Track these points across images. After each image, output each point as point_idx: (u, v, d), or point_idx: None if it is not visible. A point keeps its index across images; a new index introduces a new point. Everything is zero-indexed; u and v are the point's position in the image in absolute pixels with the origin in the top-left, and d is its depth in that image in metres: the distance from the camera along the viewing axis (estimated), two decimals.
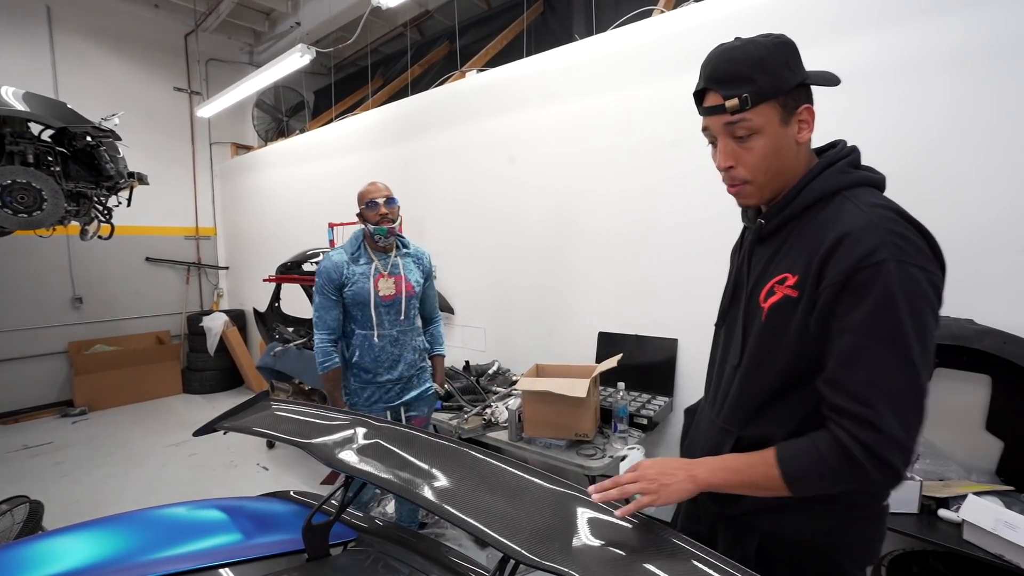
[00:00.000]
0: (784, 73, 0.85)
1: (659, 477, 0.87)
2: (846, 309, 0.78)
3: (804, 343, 0.85)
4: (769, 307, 0.89)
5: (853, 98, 1.92)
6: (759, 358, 0.93)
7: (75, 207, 3.12)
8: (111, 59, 5.20)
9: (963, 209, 1.74)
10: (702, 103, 0.91)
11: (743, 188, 0.92)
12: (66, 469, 3.64)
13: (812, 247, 0.84)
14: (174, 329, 5.78)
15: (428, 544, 1.27)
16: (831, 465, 0.78)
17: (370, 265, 2.06)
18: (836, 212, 0.84)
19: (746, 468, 0.86)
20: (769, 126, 0.86)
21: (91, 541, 1.13)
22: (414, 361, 2.15)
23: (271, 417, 1.43)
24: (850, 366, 0.78)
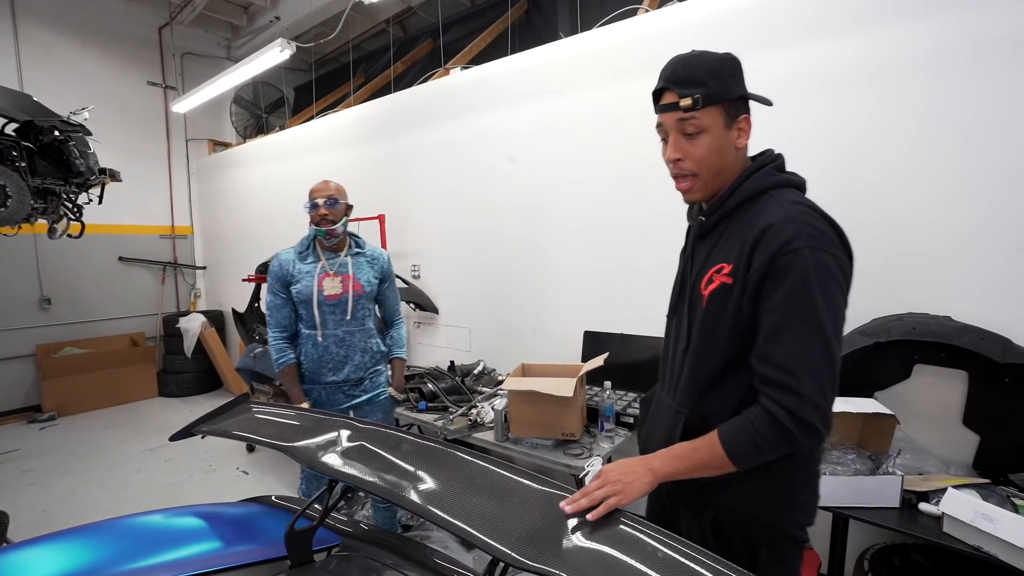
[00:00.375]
0: (730, 83, 0.98)
1: (621, 477, 0.92)
2: (769, 292, 0.90)
3: (739, 325, 0.96)
4: (709, 294, 1.00)
5: (830, 99, 1.95)
6: (703, 341, 1.03)
7: (42, 204, 3.00)
8: (80, 52, 5.03)
9: (941, 209, 1.78)
10: (659, 102, 1.02)
11: (690, 182, 1.02)
12: (34, 477, 3.50)
13: (742, 239, 0.95)
14: (149, 331, 5.62)
15: (414, 548, 1.24)
16: (764, 435, 0.89)
17: (317, 264, 2.06)
18: (762, 208, 0.96)
19: (694, 453, 0.95)
20: (715, 127, 0.97)
21: (60, 553, 1.07)
22: (363, 363, 2.12)
23: (251, 420, 1.39)
24: (774, 341, 0.89)
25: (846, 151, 1.95)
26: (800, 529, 1.03)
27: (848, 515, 1.53)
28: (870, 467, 1.57)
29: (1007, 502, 1.44)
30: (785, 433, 0.87)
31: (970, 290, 1.73)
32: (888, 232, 1.88)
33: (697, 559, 0.80)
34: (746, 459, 0.92)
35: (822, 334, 0.88)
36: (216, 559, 1.10)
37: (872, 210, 1.90)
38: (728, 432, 0.93)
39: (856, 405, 1.61)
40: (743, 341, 0.96)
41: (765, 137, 2.08)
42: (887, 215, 1.88)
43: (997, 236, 1.69)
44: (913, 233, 1.84)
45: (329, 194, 2.02)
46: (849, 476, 1.52)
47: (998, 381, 1.63)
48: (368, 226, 3.80)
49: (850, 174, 1.94)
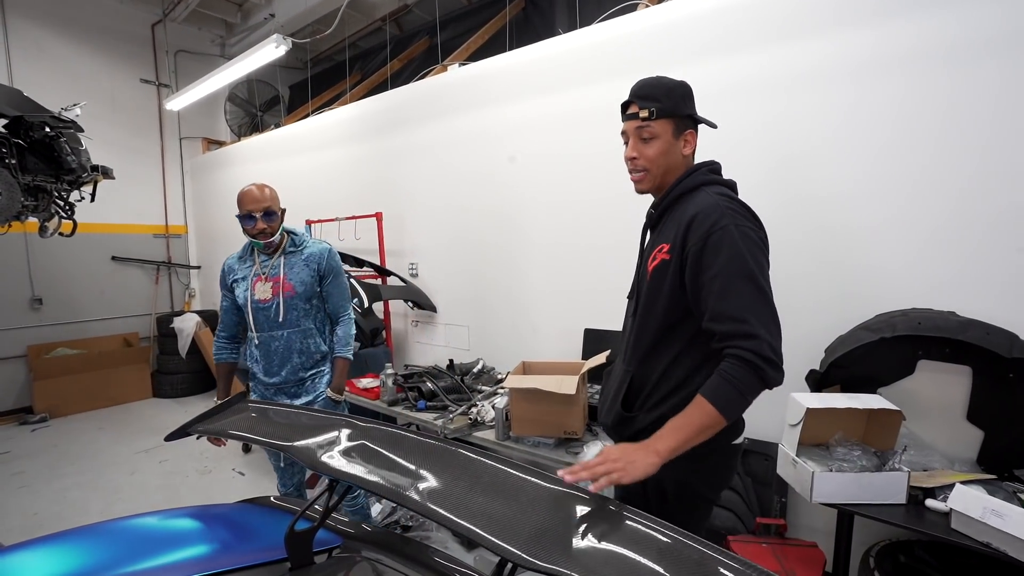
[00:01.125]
0: (680, 103, 1.23)
1: (623, 456, 1.02)
2: (710, 261, 1.10)
3: (675, 294, 1.18)
4: (652, 269, 1.23)
5: (861, 91, 1.94)
6: (646, 309, 1.25)
7: (33, 202, 2.95)
8: (71, 48, 4.96)
9: (943, 205, 1.77)
10: (625, 112, 1.27)
11: (641, 175, 1.27)
12: (25, 479, 3.45)
13: (678, 222, 1.18)
14: (143, 331, 5.56)
15: (416, 548, 1.22)
16: (742, 379, 1.04)
17: (251, 267, 2.05)
18: (696, 199, 1.19)
19: (688, 421, 1.07)
20: (664, 135, 1.23)
21: (51, 556, 1.04)
22: (302, 364, 2.08)
23: (249, 419, 1.36)
24: (724, 299, 1.08)
25: (852, 145, 1.94)
26: (714, 492, 1.28)
27: (853, 512, 1.51)
28: (876, 463, 1.56)
29: (1014, 497, 1.43)
30: (757, 371, 1.04)
31: (973, 286, 1.73)
32: (891, 228, 1.87)
33: (712, 556, 0.78)
34: (733, 408, 1.06)
35: (759, 287, 1.09)
36: (214, 562, 1.07)
37: (874, 206, 1.89)
38: (711, 390, 1.06)
39: (861, 401, 1.60)
40: (677, 308, 1.19)
41: (782, 131, 2.06)
42: (889, 211, 1.87)
43: (1000, 232, 1.68)
44: (916, 229, 1.83)
45: (265, 206, 1.95)
46: (855, 473, 1.50)
47: (1003, 376, 1.62)
48: (365, 224, 3.77)
49: (852, 170, 1.93)
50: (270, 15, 5.09)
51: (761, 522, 1.95)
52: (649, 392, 1.25)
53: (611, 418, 1.31)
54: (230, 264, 2.11)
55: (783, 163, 2.08)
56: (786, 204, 2.08)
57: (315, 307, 2.11)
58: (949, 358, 1.72)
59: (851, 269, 1.96)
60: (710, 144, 2.24)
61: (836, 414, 1.64)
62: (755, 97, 2.14)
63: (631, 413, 1.27)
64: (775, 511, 2.08)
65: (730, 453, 1.27)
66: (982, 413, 1.70)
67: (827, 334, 1.92)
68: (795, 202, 2.06)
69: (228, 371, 2.15)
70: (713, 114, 2.20)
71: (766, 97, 2.11)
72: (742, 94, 2.17)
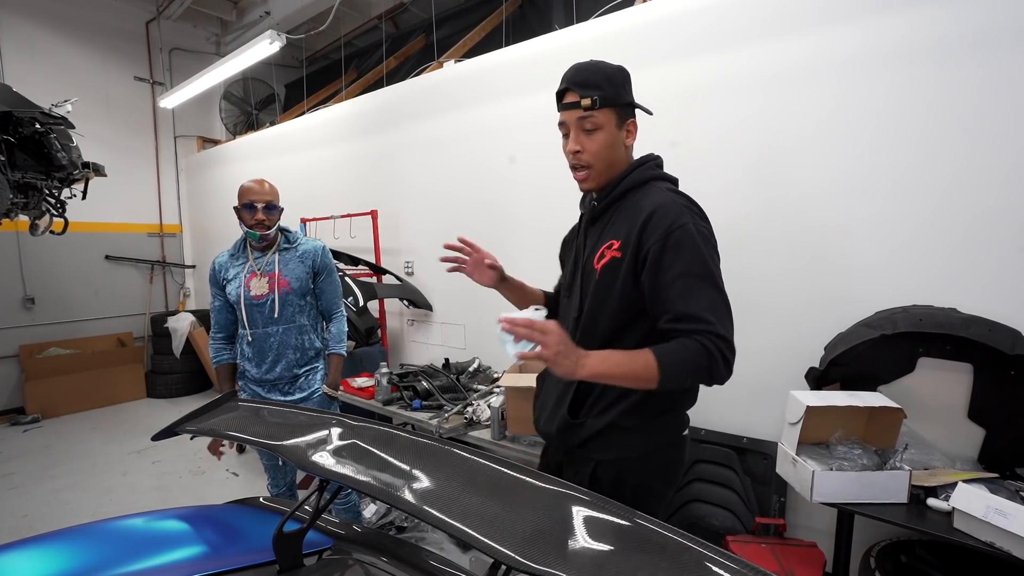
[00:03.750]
0: (621, 90, 1.17)
1: (561, 348, 0.99)
2: (671, 261, 1.06)
3: (628, 294, 1.13)
4: (601, 267, 1.16)
5: (846, 85, 1.92)
6: (595, 309, 1.18)
7: (23, 199, 2.91)
8: (64, 45, 4.91)
9: (944, 202, 1.75)
10: (561, 100, 1.19)
11: (586, 173, 1.19)
12: (16, 480, 3.41)
13: (631, 219, 1.13)
14: (137, 331, 5.51)
15: (409, 550, 1.19)
16: (697, 361, 1.02)
17: (245, 264, 2.04)
18: (645, 194, 1.15)
19: (629, 361, 1.04)
20: (608, 125, 1.15)
21: (40, 558, 1.02)
22: (297, 361, 2.07)
23: (239, 418, 1.33)
24: (688, 300, 1.05)
25: (856, 142, 1.92)
26: (668, 486, 1.25)
27: (854, 511, 1.49)
28: (876, 462, 1.54)
29: (1016, 496, 1.40)
30: (712, 362, 1.02)
31: (974, 283, 1.71)
32: (892, 224, 1.85)
33: (713, 559, 0.76)
34: (672, 378, 1.03)
35: (720, 289, 1.08)
36: (201, 564, 1.04)
37: (876, 202, 1.87)
38: (664, 351, 1.03)
39: (862, 399, 1.58)
40: (629, 308, 1.14)
41: (786, 125, 2.04)
42: (890, 207, 1.85)
43: (1001, 229, 1.66)
44: (917, 225, 1.81)
45: (268, 199, 1.97)
46: (856, 472, 1.48)
47: (1004, 374, 1.60)
48: (360, 222, 3.74)
49: (854, 166, 1.91)
50: (265, 13, 5.05)
51: (760, 522, 1.93)
52: (597, 397, 1.19)
53: (555, 425, 1.23)
54: (221, 262, 2.08)
55: (773, 157, 2.06)
56: (780, 199, 2.06)
57: (309, 304, 2.11)
58: (950, 355, 1.70)
59: (849, 266, 1.94)
60: (715, 141, 2.24)
61: (836, 412, 1.62)
62: (757, 89, 2.12)
63: (578, 420, 1.20)
64: (774, 511, 2.06)
65: (681, 446, 1.27)
66: (983, 411, 1.68)
67: (826, 331, 1.90)
68: (788, 198, 2.04)
69: (230, 373, 2.11)
70: (714, 108, 2.20)
71: (769, 90, 2.09)
72: (745, 87, 2.15)
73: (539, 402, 1.36)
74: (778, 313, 2.11)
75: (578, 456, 1.23)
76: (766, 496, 2.12)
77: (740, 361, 2.19)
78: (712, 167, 2.23)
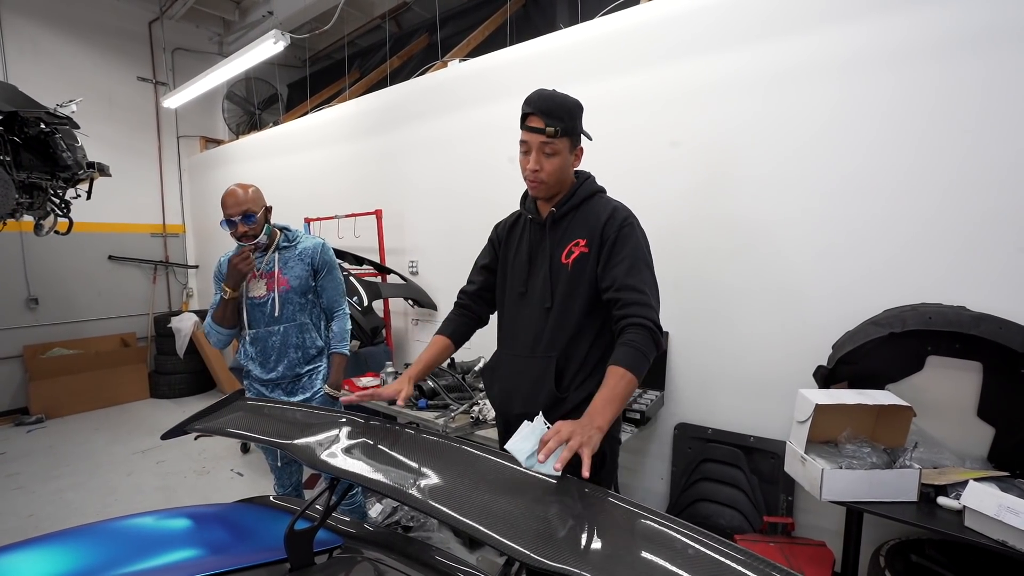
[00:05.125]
0: (578, 123, 1.39)
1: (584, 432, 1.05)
2: (620, 249, 1.34)
3: (594, 282, 1.36)
4: (572, 262, 1.39)
5: (847, 87, 1.91)
6: (568, 297, 1.38)
7: (28, 199, 2.91)
8: (67, 45, 4.92)
9: (951, 200, 1.75)
10: (525, 122, 1.37)
11: (540, 185, 1.39)
12: (20, 481, 3.41)
13: (593, 221, 1.39)
14: (140, 331, 5.51)
15: (419, 548, 1.19)
16: (646, 343, 1.22)
17: None
18: (598, 202, 1.43)
19: (616, 393, 1.17)
20: (564, 151, 1.37)
21: (47, 557, 1.01)
22: (298, 360, 2.06)
23: (247, 417, 1.33)
24: (630, 276, 1.30)
25: (861, 140, 1.91)
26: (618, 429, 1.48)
27: (863, 510, 1.48)
28: (886, 461, 1.53)
29: None
30: (652, 335, 1.24)
31: (983, 281, 1.70)
32: (899, 222, 1.84)
33: (728, 554, 0.75)
34: (643, 370, 1.22)
35: (653, 272, 1.35)
36: (212, 562, 1.04)
37: (882, 200, 1.87)
38: (627, 360, 1.20)
39: (871, 397, 1.57)
40: (597, 297, 1.36)
41: (792, 124, 2.03)
42: (898, 205, 1.84)
43: (1010, 226, 1.66)
44: (924, 223, 1.80)
45: (244, 209, 1.91)
46: (865, 470, 1.48)
47: (1014, 372, 1.59)
48: (365, 221, 3.74)
49: (861, 165, 1.91)
50: (268, 12, 5.06)
51: (769, 521, 1.93)
52: (576, 371, 1.39)
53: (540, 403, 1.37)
54: (223, 261, 2.07)
55: (777, 157, 2.06)
56: (786, 199, 2.05)
57: (310, 302, 2.10)
58: (959, 353, 1.69)
59: (857, 264, 1.93)
60: (719, 140, 2.23)
61: (845, 410, 1.62)
62: (761, 88, 2.11)
63: (564, 394, 1.38)
64: (782, 510, 2.06)
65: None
66: (993, 410, 1.68)
67: (834, 329, 1.90)
68: (795, 197, 2.04)
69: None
70: (718, 107, 2.19)
71: (773, 89, 2.09)
72: (749, 86, 2.14)
73: (501, 389, 1.51)
74: (785, 311, 2.10)
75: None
76: (774, 495, 2.11)
77: (746, 359, 2.21)
78: (718, 167, 2.23)
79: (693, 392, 2.37)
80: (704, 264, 2.30)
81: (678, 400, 2.42)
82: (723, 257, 2.25)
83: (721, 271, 2.25)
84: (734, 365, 2.25)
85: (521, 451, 0.96)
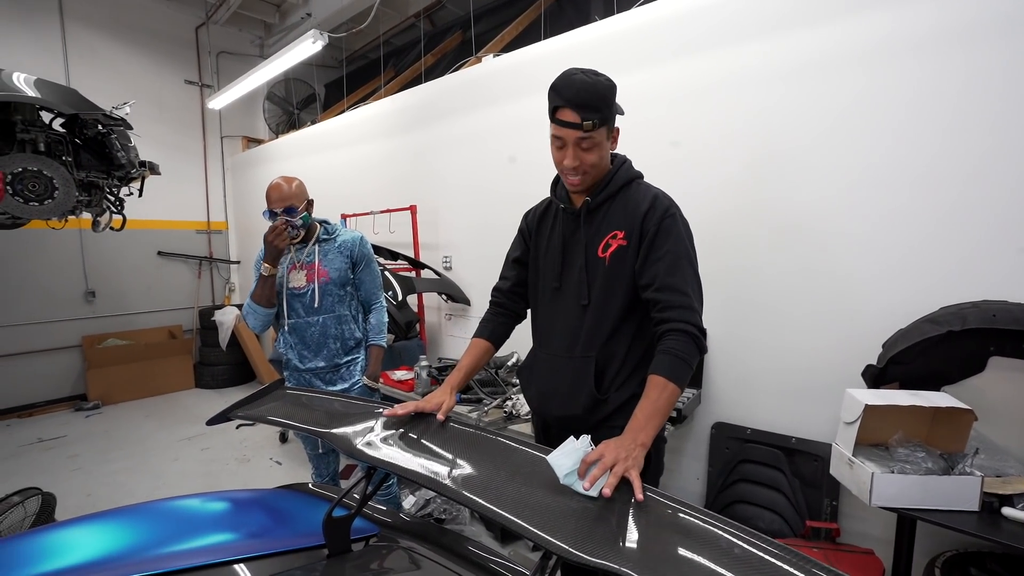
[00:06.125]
0: (613, 109, 1.27)
1: (629, 452, 0.99)
2: (661, 243, 1.25)
3: (634, 277, 1.28)
4: (609, 255, 1.30)
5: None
6: (607, 293, 1.30)
7: (87, 197, 3.07)
8: (122, 51, 5.18)
9: (1012, 192, 1.63)
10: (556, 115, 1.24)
11: (580, 179, 1.29)
12: (79, 462, 3.62)
13: (632, 211, 1.29)
14: (186, 323, 5.77)
15: (453, 539, 1.19)
16: (688, 351, 1.16)
17: (287, 256, 2.07)
18: (637, 190, 1.33)
19: (658, 405, 1.11)
20: (602, 142, 1.27)
21: (104, 532, 1.07)
22: (337, 351, 2.10)
23: (287, 406, 1.36)
24: (672, 274, 1.22)
25: (925, 127, 1.81)
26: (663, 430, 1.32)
27: (918, 517, 1.40)
28: (943, 466, 1.44)
29: None
30: (696, 341, 1.17)
31: None
32: (959, 215, 1.73)
33: (779, 555, 0.72)
34: (686, 378, 1.16)
35: (695, 269, 1.27)
36: (254, 545, 1.07)
37: (942, 190, 1.76)
38: (668, 370, 1.14)
39: (926, 399, 1.48)
40: (636, 289, 1.28)
41: (848, 110, 1.95)
42: (957, 196, 1.73)
43: None
44: (989, 216, 1.69)
45: (287, 204, 1.96)
46: (920, 475, 1.40)
47: None
48: (399, 217, 3.79)
49: (924, 151, 1.80)
50: (307, 14, 5.18)
51: (812, 525, 1.85)
52: (616, 372, 1.31)
53: (580, 405, 1.32)
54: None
55: (821, 147, 1.97)
56: (836, 190, 1.96)
57: (348, 294, 2.14)
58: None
59: (912, 260, 1.83)
60: (768, 125, 2.15)
61: (897, 412, 1.53)
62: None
63: (604, 395, 1.31)
64: (826, 515, 1.98)
65: None
66: None
67: (885, 327, 1.80)
68: (845, 189, 1.94)
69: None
70: (766, 94, 2.11)
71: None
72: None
73: (539, 391, 1.44)
74: (830, 308, 2.01)
75: (603, 429, 1.27)
76: (817, 499, 2.03)
77: (789, 357, 2.13)
78: (761, 156, 2.15)
79: (732, 390, 2.30)
80: (744, 256, 2.22)
81: (716, 398, 2.35)
82: (765, 249, 2.17)
83: (762, 264, 2.17)
84: (776, 363, 2.17)
85: (561, 467, 0.93)
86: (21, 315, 4.70)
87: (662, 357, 1.16)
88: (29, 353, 4.75)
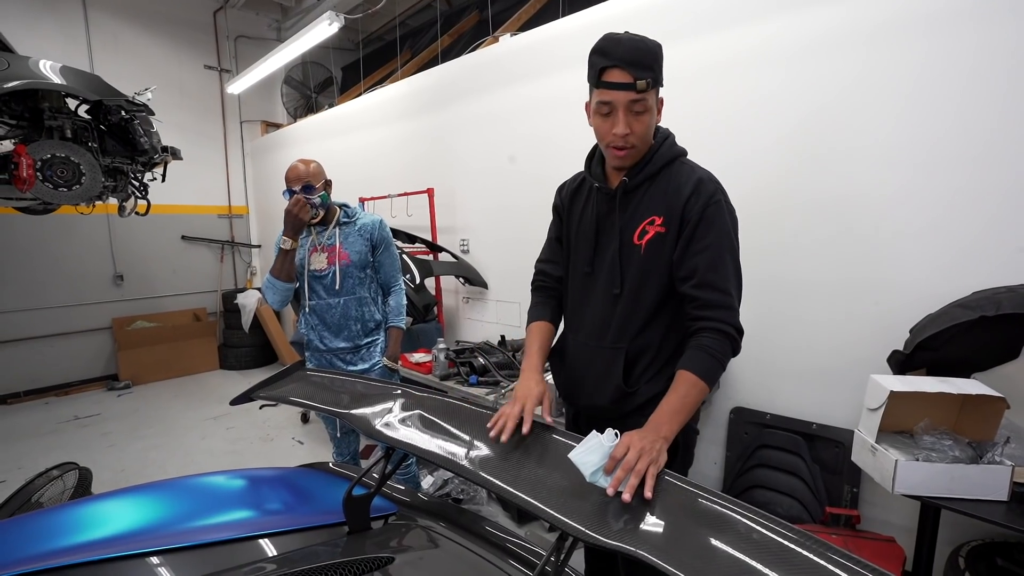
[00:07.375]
0: (662, 69, 1.15)
1: (651, 447, 0.94)
2: (703, 233, 1.15)
3: (671, 267, 1.20)
4: (645, 243, 1.21)
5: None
6: (640, 283, 1.23)
7: (112, 182, 3.13)
8: (143, 37, 5.23)
9: None
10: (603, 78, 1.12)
11: (630, 152, 1.18)
12: (113, 439, 3.77)
13: (673, 196, 1.18)
14: (210, 306, 5.90)
15: (470, 519, 1.21)
16: (722, 350, 1.12)
17: (308, 238, 2.09)
18: (680, 172, 1.21)
19: (685, 400, 1.08)
20: (653, 106, 1.15)
21: (137, 505, 1.11)
22: (358, 332, 2.13)
23: (308, 387, 1.39)
24: (714, 270, 1.14)
25: (950, 103, 1.73)
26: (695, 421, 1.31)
27: (943, 506, 1.38)
28: (971, 455, 1.41)
29: None
30: (732, 341, 1.13)
31: None
32: (988, 196, 1.66)
33: (798, 540, 0.71)
34: (716, 378, 1.13)
35: (738, 263, 1.19)
36: (277, 521, 1.10)
37: (969, 171, 1.69)
38: (700, 367, 1.10)
39: (955, 386, 1.44)
40: (672, 284, 1.21)
41: (873, 90, 1.87)
42: (987, 176, 1.66)
43: None
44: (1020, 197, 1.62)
45: (304, 182, 1.98)
46: (947, 464, 1.36)
47: None
48: (417, 200, 3.79)
49: (949, 132, 1.73)
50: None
51: (831, 512, 1.83)
52: (649, 363, 1.26)
53: (608, 395, 1.28)
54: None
55: (850, 130, 1.89)
56: (862, 170, 1.89)
57: (369, 276, 2.17)
58: None
59: (941, 242, 1.76)
60: (795, 104, 2.08)
61: (924, 399, 1.49)
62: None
63: (632, 388, 1.26)
64: (846, 502, 1.95)
65: None
66: None
67: (911, 311, 1.75)
68: (880, 167, 1.87)
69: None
70: (812, 69, 2.03)
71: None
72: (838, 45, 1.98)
73: (568, 378, 1.39)
74: (855, 291, 1.96)
75: (631, 420, 1.22)
76: (837, 486, 2.01)
77: (811, 342, 2.09)
78: (785, 135, 2.08)
79: (751, 375, 2.27)
80: (770, 235, 2.16)
81: (734, 383, 2.32)
82: (788, 232, 2.11)
83: (785, 246, 2.12)
84: (797, 348, 2.13)
85: (586, 464, 0.89)
86: (55, 298, 4.87)
87: (696, 353, 1.12)
88: (64, 335, 4.93)
